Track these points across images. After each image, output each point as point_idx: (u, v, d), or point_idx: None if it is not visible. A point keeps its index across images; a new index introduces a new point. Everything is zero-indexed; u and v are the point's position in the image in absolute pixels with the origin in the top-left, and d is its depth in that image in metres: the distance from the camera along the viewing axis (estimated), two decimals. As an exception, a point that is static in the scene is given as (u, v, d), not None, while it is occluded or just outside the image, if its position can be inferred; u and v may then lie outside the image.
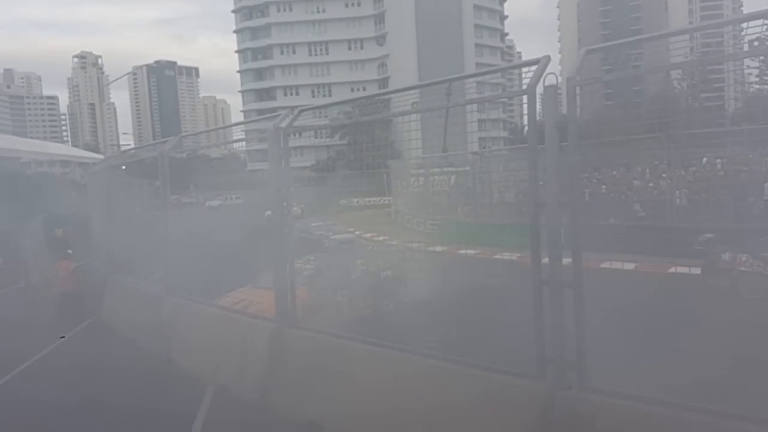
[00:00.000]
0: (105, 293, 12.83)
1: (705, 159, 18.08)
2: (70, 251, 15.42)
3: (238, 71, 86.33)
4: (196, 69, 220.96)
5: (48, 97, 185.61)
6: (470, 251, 11.82)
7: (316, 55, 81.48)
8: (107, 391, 8.02)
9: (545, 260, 4.63)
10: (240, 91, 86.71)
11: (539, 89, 4.53)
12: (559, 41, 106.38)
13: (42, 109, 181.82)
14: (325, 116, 8.03)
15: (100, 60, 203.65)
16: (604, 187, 18.28)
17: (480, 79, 6.04)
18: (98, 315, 12.76)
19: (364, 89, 74.09)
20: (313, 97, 77.36)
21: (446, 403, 5.06)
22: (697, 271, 4.28)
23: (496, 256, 8.43)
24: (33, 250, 15.03)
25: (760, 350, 3.87)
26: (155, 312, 9.92)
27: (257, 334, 7.31)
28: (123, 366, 9.20)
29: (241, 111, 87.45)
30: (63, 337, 6.74)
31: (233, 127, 10.71)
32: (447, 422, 4.96)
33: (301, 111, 7.13)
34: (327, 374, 6.20)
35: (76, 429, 6.78)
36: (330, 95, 77.60)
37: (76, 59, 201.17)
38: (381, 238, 9.27)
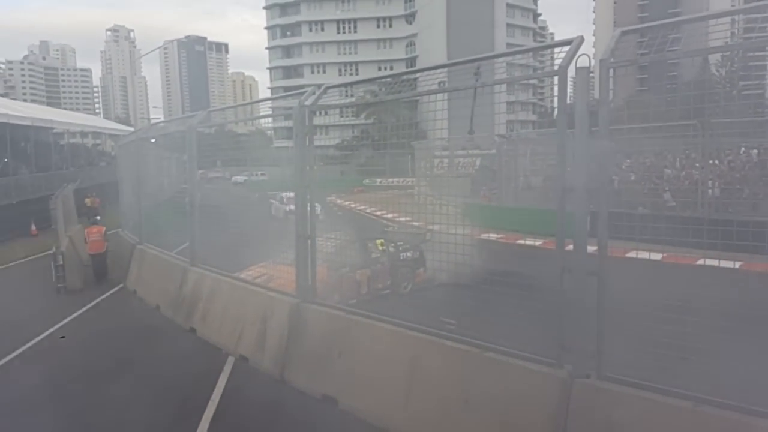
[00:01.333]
0: (132, 262, 13.10)
1: (743, 149, 17.50)
2: (98, 217, 15.94)
3: (266, 48, 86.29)
4: (226, 45, 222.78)
5: (82, 70, 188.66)
6: (493, 236, 11.72)
7: (344, 33, 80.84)
8: (131, 356, 8.26)
9: (569, 247, 4.54)
10: (268, 68, 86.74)
11: (571, 70, 4.40)
12: (594, 23, 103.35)
13: (76, 81, 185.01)
14: (351, 95, 7.96)
15: (132, 34, 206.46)
16: (633, 175, 17.86)
17: (510, 59, 5.88)
18: (125, 283, 13.06)
19: (392, 68, 73.32)
20: (340, 75, 77.02)
21: (462, 385, 5.05)
22: (728, 264, 4.18)
23: (519, 242, 8.33)
24: (63, 217, 15.39)
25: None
26: (179, 282, 10.10)
27: (277, 308, 7.39)
28: (147, 333, 9.45)
29: (268, 88, 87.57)
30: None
31: (260, 104, 10.69)
32: (462, 404, 4.96)
33: (327, 89, 7.08)
34: (344, 350, 6.25)
35: (101, 390, 6.98)
36: (357, 74, 77.06)
37: (109, 32, 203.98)
38: (403, 219, 9.23)
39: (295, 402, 6.36)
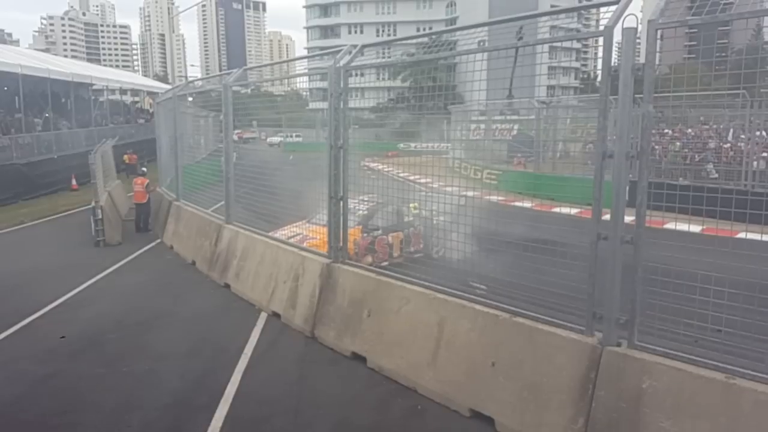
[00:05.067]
0: (169, 218, 13.44)
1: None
2: (144, 170, 16.60)
3: (303, 6, 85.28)
4: (263, 3, 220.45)
5: (121, 26, 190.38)
6: (528, 203, 11.53)
7: (383, -9, 79.13)
8: (167, 308, 8.56)
9: (606, 216, 4.45)
10: (305, 27, 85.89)
11: (617, 31, 4.23)
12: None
13: (115, 37, 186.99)
14: (389, 56, 7.81)
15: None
16: (677, 144, 17.24)
17: (554, 23, 5.66)
18: (162, 238, 13.43)
19: (431, 29, 71.73)
20: (378, 35, 75.69)
21: (490, 348, 5.08)
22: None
23: (554, 209, 8.20)
24: (102, 173, 15.79)
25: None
26: (214, 239, 10.34)
27: (309, 267, 7.52)
28: (183, 287, 9.76)
29: (305, 48, 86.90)
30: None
31: (295, 63, 10.62)
32: (489, 366, 5.00)
33: (363, 48, 6.98)
34: (374, 310, 6.34)
35: (139, 340, 7.28)
36: (395, 35, 75.56)
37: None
38: (437, 185, 9.18)
39: (325, 358, 6.52)
